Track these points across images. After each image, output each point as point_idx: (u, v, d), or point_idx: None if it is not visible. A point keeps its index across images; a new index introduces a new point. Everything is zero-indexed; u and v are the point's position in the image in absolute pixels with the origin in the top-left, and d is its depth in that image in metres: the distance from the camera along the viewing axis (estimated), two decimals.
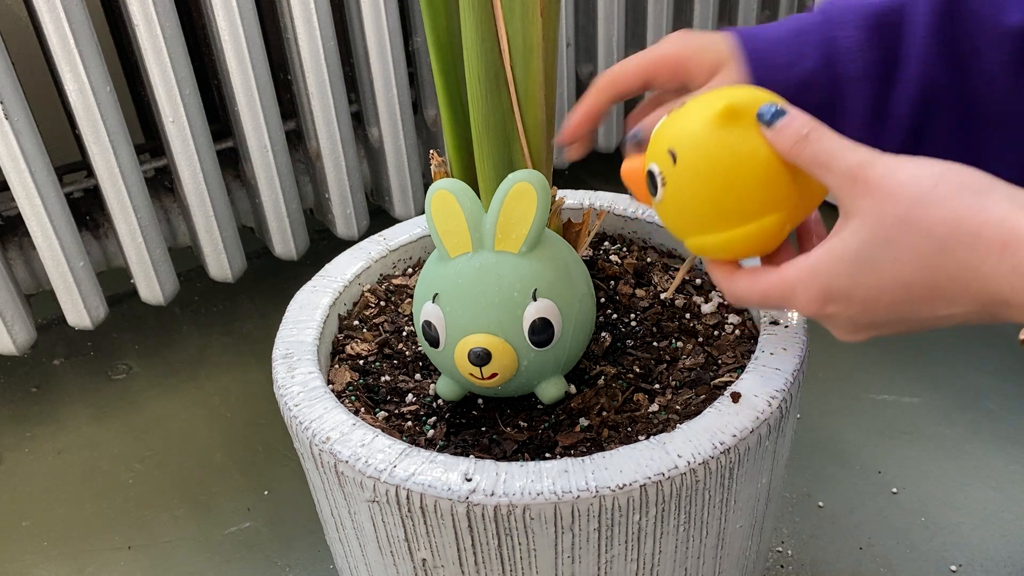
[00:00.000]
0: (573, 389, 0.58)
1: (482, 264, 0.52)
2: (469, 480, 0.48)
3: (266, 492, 0.94)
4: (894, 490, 0.88)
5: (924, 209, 0.36)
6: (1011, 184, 0.37)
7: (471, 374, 0.52)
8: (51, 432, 1.04)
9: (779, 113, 0.41)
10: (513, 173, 0.51)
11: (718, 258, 0.46)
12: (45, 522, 0.92)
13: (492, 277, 0.52)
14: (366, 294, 0.68)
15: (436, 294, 0.53)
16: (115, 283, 1.13)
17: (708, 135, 0.42)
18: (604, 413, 0.56)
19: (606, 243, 0.73)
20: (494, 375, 0.52)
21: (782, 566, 0.82)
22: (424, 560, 0.52)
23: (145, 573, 0.86)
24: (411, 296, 0.69)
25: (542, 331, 0.52)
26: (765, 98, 0.43)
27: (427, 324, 0.53)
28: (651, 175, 0.45)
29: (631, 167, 0.48)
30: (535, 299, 0.51)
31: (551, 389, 0.55)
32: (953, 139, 0.50)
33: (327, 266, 0.68)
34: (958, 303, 0.37)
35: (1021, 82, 0.48)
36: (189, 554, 0.88)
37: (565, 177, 1.39)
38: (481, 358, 0.51)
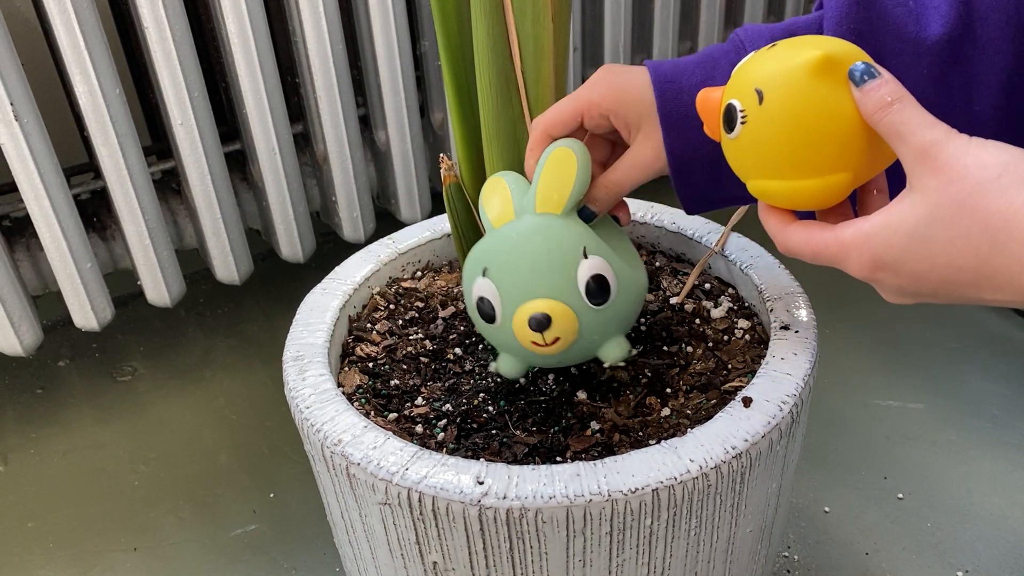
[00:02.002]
0: (636, 351, 0.57)
1: (528, 228, 0.52)
2: (481, 483, 0.48)
3: (272, 494, 0.94)
4: (900, 495, 0.88)
5: (983, 197, 0.37)
6: None
7: (533, 343, 0.51)
8: (56, 433, 1.04)
9: (870, 74, 0.41)
10: (553, 142, 0.52)
11: (778, 205, 0.46)
12: (50, 523, 0.92)
13: (540, 240, 0.51)
14: (375, 297, 0.68)
15: (485, 268, 0.52)
16: (121, 285, 1.13)
17: (802, 80, 0.42)
18: (616, 417, 0.56)
19: None
20: (556, 340, 0.51)
21: (788, 571, 0.82)
22: (435, 563, 0.52)
23: (150, 575, 0.86)
24: (420, 299, 0.69)
25: (598, 288, 0.51)
26: (858, 56, 0.42)
27: (481, 300, 0.53)
28: (731, 109, 0.44)
29: (708, 96, 0.47)
30: (586, 256, 0.51)
31: (615, 350, 0.54)
32: (1005, 40, 0.47)
33: (336, 269, 0.69)
34: (1004, 291, 0.38)
35: (944, 97, 0.47)
36: (195, 556, 0.88)
37: None
38: (541, 323, 0.50)
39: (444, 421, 0.57)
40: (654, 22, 1.23)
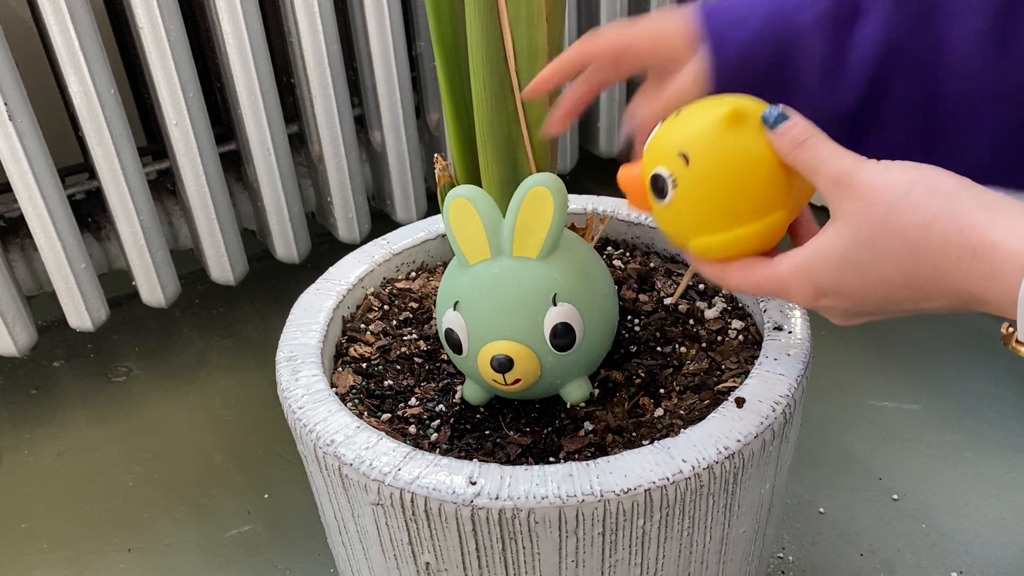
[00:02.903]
0: (597, 391, 0.58)
1: (501, 271, 0.52)
2: (474, 483, 0.48)
3: (266, 495, 0.93)
4: (895, 496, 0.88)
5: (899, 215, 0.38)
6: (981, 186, 0.38)
7: (495, 380, 0.52)
8: (51, 434, 1.03)
9: (781, 117, 0.43)
10: (529, 177, 0.51)
11: (723, 256, 0.46)
12: (45, 524, 0.92)
13: (511, 284, 0.52)
14: (369, 297, 0.68)
15: (457, 302, 0.53)
16: (116, 285, 1.13)
17: (721, 135, 0.44)
18: (609, 418, 0.56)
19: (609, 248, 0.73)
20: (517, 381, 0.52)
21: (783, 572, 0.82)
22: (428, 564, 0.52)
23: (145, 575, 0.86)
24: (414, 299, 0.69)
25: (563, 335, 0.52)
26: (761, 104, 0.45)
27: (449, 332, 0.54)
28: (659, 179, 0.46)
29: (630, 173, 0.48)
30: (555, 304, 0.52)
31: (575, 391, 0.56)
32: (915, 112, 0.48)
33: (331, 269, 0.68)
34: (936, 299, 0.39)
35: (993, 62, 0.46)
36: (189, 557, 0.88)
37: (568, 183, 1.39)
38: (503, 365, 0.51)
39: (437, 422, 0.57)
40: None
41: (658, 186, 0.46)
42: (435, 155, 0.62)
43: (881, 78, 0.48)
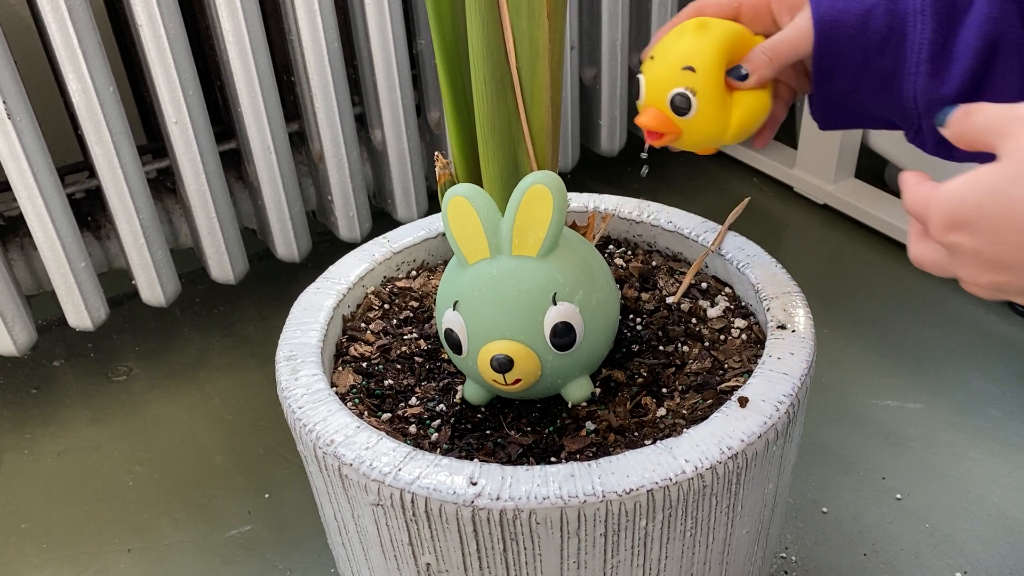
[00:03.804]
0: (599, 390, 0.57)
1: (500, 271, 0.52)
2: (474, 484, 0.47)
3: (267, 495, 0.93)
4: (898, 496, 0.88)
5: None
6: None
7: (495, 380, 0.52)
8: (51, 434, 1.03)
9: (946, 112, 0.42)
10: (528, 175, 0.51)
11: (758, 122, 0.55)
12: (45, 524, 0.92)
13: (511, 283, 0.51)
14: (370, 296, 0.68)
15: (456, 301, 0.53)
16: (116, 284, 1.12)
17: (704, 33, 0.53)
18: (611, 417, 0.55)
19: (611, 246, 0.73)
20: (518, 381, 0.52)
21: (786, 572, 0.82)
22: (428, 565, 0.51)
23: None
24: (414, 298, 0.68)
25: (563, 335, 0.52)
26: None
27: (449, 331, 0.53)
28: (679, 97, 0.53)
29: (648, 113, 0.55)
30: (555, 303, 0.51)
31: (577, 391, 0.55)
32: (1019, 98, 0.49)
33: (331, 268, 0.68)
34: None
35: None
36: (189, 557, 0.87)
37: (569, 181, 1.39)
38: (504, 365, 0.51)
39: (438, 421, 0.57)
40: (652, 20, 1.22)
41: (679, 105, 0.53)
42: (436, 153, 0.62)
43: (986, 74, 0.49)
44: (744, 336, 0.61)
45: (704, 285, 0.66)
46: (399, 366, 0.62)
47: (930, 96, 0.50)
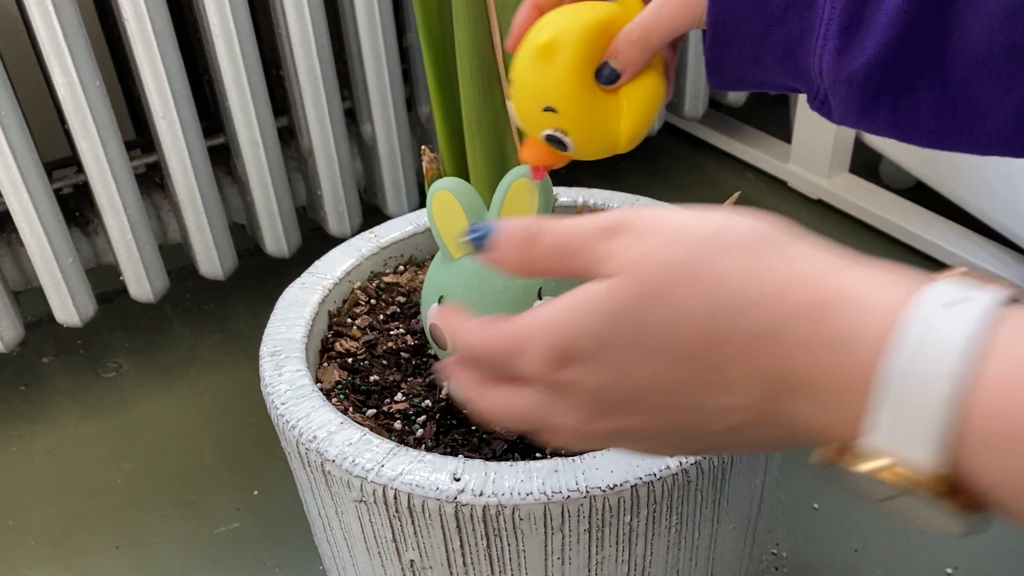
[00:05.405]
0: None
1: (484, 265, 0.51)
2: (458, 480, 0.47)
3: (256, 492, 0.93)
4: None
5: (712, 256, 0.28)
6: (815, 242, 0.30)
7: None
8: (40, 431, 1.03)
9: (482, 234, 0.34)
10: (513, 170, 0.51)
11: (642, 130, 0.47)
12: (33, 521, 0.91)
13: (496, 278, 0.51)
14: (356, 291, 0.67)
15: (442, 296, 0.52)
16: (105, 280, 1.12)
17: (559, 64, 0.44)
18: None
19: None
20: None
21: (777, 568, 0.81)
22: (412, 561, 0.51)
23: (134, 573, 0.85)
24: (401, 294, 0.68)
25: None
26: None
27: (434, 326, 0.53)
28: (551, 139, 0.46)
29: (528, 148, 0.48)
30: (541, 298, 0.51)
31: None
32: (935, 74, 0.43)
33: (317, 263, 0.68)
34: (739, 388, 0.28)
35: (1018, 17, 0.39)
36: (178, 554, 0.87)
37: (559, 175, 1.38)
38: None
39: (423, 417, 0.56)
40: None
41: (555, 142, 0.46)
42: (423, 147, 0.61)
43: (902, 35, 0.42)
44: None
45: None
46: (385, 362, 0.61)
47: (836, 75, 0.43)
